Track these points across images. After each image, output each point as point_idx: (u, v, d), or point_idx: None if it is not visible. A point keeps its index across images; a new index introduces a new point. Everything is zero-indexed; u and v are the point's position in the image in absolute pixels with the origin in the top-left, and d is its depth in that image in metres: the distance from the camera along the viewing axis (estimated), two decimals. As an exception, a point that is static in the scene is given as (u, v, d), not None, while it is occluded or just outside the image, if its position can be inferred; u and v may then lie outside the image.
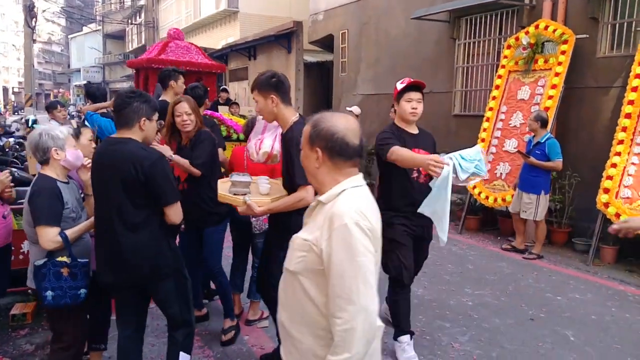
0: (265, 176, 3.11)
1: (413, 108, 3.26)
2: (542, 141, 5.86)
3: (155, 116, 2.65)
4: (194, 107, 3.52)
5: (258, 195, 2.89)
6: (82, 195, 2.95)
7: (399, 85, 3.33)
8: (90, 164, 2.76)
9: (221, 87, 11.59)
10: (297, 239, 1.63)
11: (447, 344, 3.78)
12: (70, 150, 2.75)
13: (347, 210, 1.52)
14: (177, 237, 3.35)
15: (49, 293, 2.57)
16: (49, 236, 2.56)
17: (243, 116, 8.62)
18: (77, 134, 3.12)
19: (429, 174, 3.03)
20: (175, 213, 2.56)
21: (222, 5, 18.92)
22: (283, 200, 2.75)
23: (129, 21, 32.46)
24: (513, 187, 6.33)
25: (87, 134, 3.23)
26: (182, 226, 3.37)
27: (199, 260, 3.70)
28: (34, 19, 25.07)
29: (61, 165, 2.73)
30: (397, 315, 3.49)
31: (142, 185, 2.43)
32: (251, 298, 4.06)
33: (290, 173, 2.72)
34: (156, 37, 27.38)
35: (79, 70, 44.75)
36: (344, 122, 1.63)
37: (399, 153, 3.11)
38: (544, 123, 5.91)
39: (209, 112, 6.04)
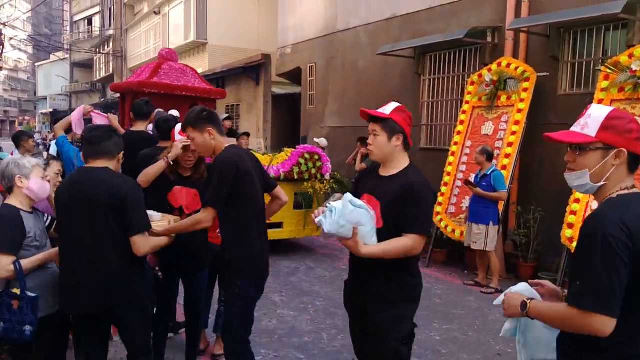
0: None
1: (369, 143, 2.53)
2: (488, 173, 5.99)
3: None
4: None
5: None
6: (47, 225, 2.88)
7: None
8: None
9: (223, 116, 9.42)
10: None
11: (414, 384, 3.64)
12: (34, 180, 2.68)
13: None
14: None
15: (1, 324, 2.51)
16: (1, 264, 2.48)
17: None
18: (45, 166, 3.04)
19: None
20: (142, 244, 2.54)
21: (191, 37, 18.95)
22: (180, 223, 2.87)
23: (97, 50, 32.18)
24: (464, 220, 6.40)
25: (55, 167, 3.20)
26: (160, 273, 3.27)
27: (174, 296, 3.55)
28: (1, 47, 24.60)
29: (25, 195, 2.67)
30: None
31: (120, 211, 2.50)
32: (217, 332, 3.93)
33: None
34: (124, 66, 27.16)
35: (45, 98, 43.96)
36: None
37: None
38: (489, 156, 6.07)
39: None
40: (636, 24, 5.91)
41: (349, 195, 2.33)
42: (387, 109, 2.47)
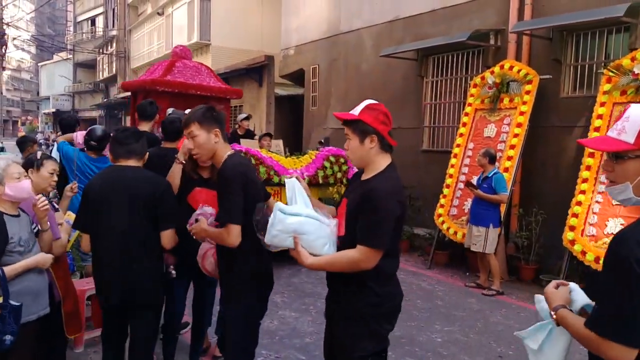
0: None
1: (345, 148, 2.32)
2: (490, 176, 5.99)
3: None
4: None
5: None
6: (35, 230, 2.77)
7: None
8: (44, 202, 2.69)
9: (242, 116, 9.05)
10: None
11: (415, 386, 3.66)
12: (8, 185, 2.56)
13: None
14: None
15: None
16: None
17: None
18: (38, 165, 2.98)
19: None
20: (171, 238, 2.77)
21: (194, 38, 18.99)
22: (213, 230, 2.57)
23: (100, 51, 32.26)
24: (465, 222, 6.41)
25: (49, 166, 3.05)
26: (174, 272, 3.27)
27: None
28: (4, 47, 24.68)
29: (5, 200, 2.58)
30: None
31: (154, 207, 2.71)
32: (219, 333, 3.92)
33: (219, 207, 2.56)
34: (127, 67, 27.23)
35: (48, 98, 44.08)
36: None
37: None
38: (492, 159, 6.07)
39: (237, 146, 5.55)
40: (638, 27, 5.92)
41: (278, 204, 2.19)
42: (357, 109, 2.24)
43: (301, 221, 2.13)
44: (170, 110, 6.27)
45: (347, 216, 2.20)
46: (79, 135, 4.99)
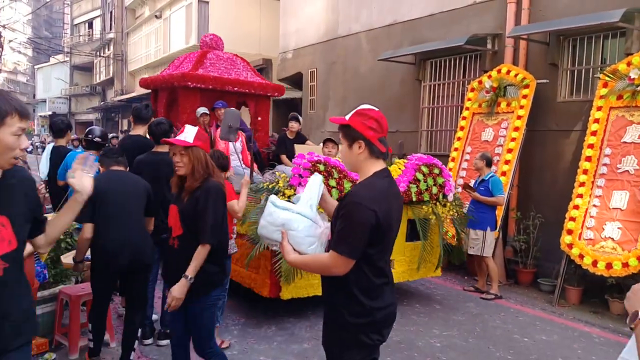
0: None
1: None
2: (486, 179, 6.03)
3: None
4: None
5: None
6: None
7: None
8: None
9: (291, 115, 7.46)
10: None
11: (414, 390, 3.66)
12: None
13: None
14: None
15: None
16: None
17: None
18: None
19: None
20: (152, 224, 3.80)
21: (192, 41, 18.98)
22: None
23: (97, 53, 32.20)
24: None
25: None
26: None
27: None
28: (0, 49, 24.57)
29: None
30: None
31: (147, 198, 3.64)
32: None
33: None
34: (124, 70, 27.18)
35: (44, 101, 43.86)
36: None
37: None
38: (488, 162, 6.12)
39: (315, 155, 4.73)
40: (634, 32, 5.96)
41: (272, 197, 2.26)
42: (349, 114, 2.19)
43: (291, 217, 2.14)
44: (220, 105, 6.11)
45: (332, 219, 2.20)
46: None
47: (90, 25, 35.26)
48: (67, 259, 4.23)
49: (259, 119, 5.14)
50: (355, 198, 2.03)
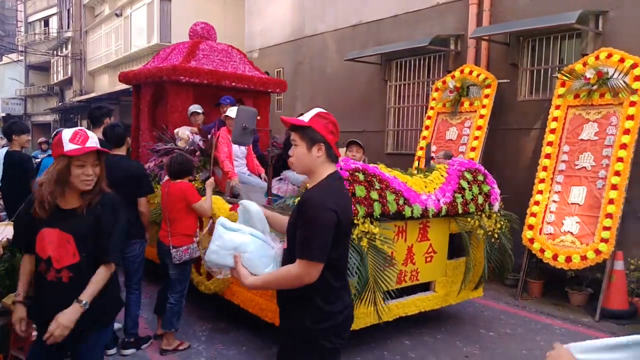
0: None
1: (289, 155, 2.23)
2: None
3: None
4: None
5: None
6: None
7: None
8: None
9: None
10: None
11: (386, 388, 3.71)
12: None
13: None
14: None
15: None
16: None
17: None
18: None
19: None
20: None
21: (154, 40, 18.64)
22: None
23: (54, 52, 31.19)
24: None
25: None
26: None
27: None
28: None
29: None
30: None
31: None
32: (165, 329, 4.16)
33: None
34: (83, 69, 26.44)
35: (-3, 102, 42.27)
36: None
37: None
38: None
39: (351, 161, 4.00)
40: (589, 34, 6.20)
41: (221, 219, 2.12)
42: (307, 116, 2.15)
43: (243, 239, 2.06)
44: (227, 101, 5.54)
45: (288, 228, 2.14)
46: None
47: (47, 24, 34.13)
48: None
49: (259, 118, 4.70)
50: (315, 201, 2.02)
